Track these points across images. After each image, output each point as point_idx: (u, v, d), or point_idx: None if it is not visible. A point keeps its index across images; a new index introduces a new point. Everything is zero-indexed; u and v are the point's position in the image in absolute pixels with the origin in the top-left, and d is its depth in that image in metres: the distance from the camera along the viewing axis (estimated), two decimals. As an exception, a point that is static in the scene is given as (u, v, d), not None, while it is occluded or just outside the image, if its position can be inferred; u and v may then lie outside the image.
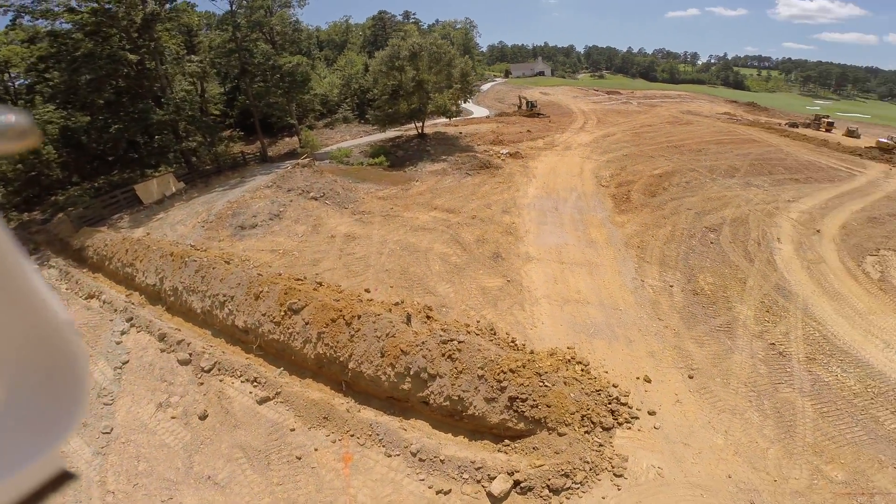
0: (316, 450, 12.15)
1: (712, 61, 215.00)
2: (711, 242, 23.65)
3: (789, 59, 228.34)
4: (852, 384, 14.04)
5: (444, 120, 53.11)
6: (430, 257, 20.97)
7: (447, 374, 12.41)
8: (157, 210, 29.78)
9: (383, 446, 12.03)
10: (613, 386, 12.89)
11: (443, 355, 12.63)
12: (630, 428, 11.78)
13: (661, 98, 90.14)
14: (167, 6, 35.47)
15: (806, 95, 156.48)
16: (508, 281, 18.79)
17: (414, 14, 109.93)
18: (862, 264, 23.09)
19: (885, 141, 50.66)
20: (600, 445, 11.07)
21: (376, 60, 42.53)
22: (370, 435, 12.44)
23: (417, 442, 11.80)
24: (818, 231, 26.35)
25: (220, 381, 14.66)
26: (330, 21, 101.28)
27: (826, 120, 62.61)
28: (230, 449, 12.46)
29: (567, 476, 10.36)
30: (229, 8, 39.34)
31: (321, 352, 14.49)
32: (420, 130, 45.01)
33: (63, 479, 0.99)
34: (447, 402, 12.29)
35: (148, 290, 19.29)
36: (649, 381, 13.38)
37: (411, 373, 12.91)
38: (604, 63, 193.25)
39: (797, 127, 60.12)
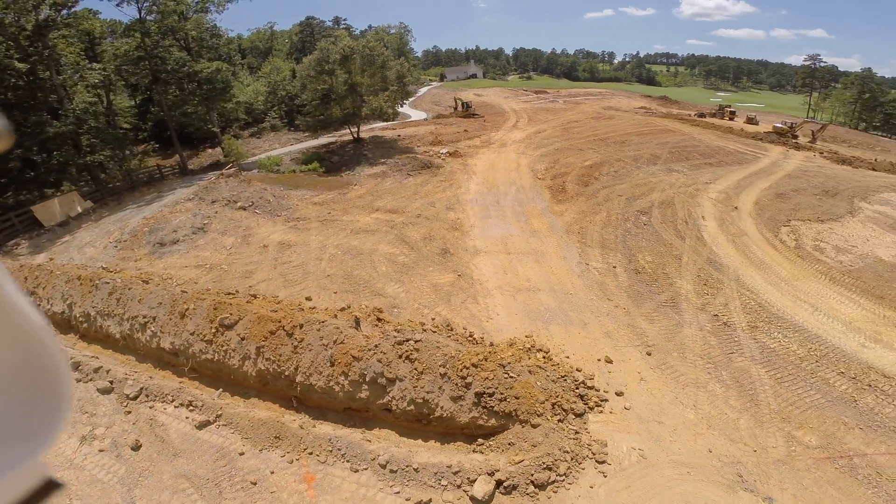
0: (272, 472, 10.94)
1: (627, 60, 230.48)
2: (644, 224, 24.79)
3: (693, 55, 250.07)
4: (796, 349, 14.81)
5: (380, 124, 52.18)
6: (376, 259, 20.15)
7: (407, 377, 11.69)
8: (62, 233, 26.41)
9: (347, 461, 11.06)
10: (577, 370, 12.77)
11: (400, 357, 11.89)
12: (602, 411, 11.63)
13: (585, 96, 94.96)
14: (64, 12, 31.86)
15: (709, 88, 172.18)
16: (459, 275, 18.46)
17: (345, 20, 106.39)
18: (778, 234, 25.15)
19: (780, 126, 56.57)
20: (576, 433, 10.77)
21: (304, 65, 40.88)
22: (330, 451, 11.41)
23: (385, 452, 10.94)
24: (736, 208, 28.52)
25: (150, 407, 13.01)
26: (252, 28, 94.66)
27: (729, 109, 68.90)
28: (174, 479, 10.98)
29: (550, 469, 9.93)
30: (138, 15, 36.09)
31: (263, 367, 13.26)
32: (356, 135, 43.76)
33: (49, 487, 0.97)
34: (411, 407, 11.56)
35: (56, 318, 16.91)
36: (611, 362, 13.43)
37: (367, 379, 12.05)
38: (531, 64, 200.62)
39: (705, 117, 65.60)
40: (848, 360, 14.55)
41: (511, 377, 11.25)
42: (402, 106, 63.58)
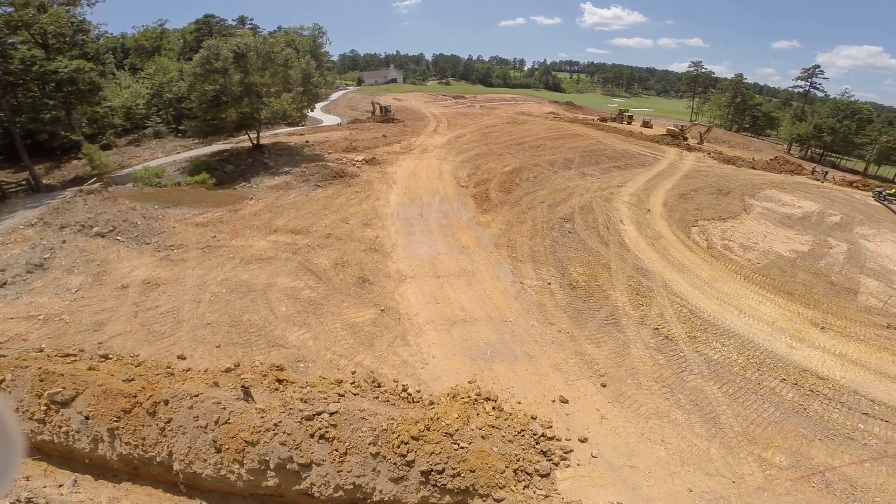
0: None
1: (535, 67, 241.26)
2: (569, 232, 24.34)
3: (592, 62, 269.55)
4: (735, 357, 14.71)
5: (286, 129, 47.48)
6: (273, 296, 16.44)
7: (327, 460, 8.98)
8: None
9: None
10: (532, 418, 10.98)
11: (312, 436, 9.14)
12: (569, 465, 10.06)
13: (499, 101, 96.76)
14: None
15: (606, 95, 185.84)
16: (382, 310, 15.61)
17: (251, 20, 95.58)
18: (690, 235, 26.08)
19: (672, 128, 61.54)
20: (546, 497, 8.99)
21: (191, 63, 35.58)
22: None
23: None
24: (649, 210, 29.39)
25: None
26: (140, 26, 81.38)
27: (627, 114, 73.83)
28: None
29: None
30: None
31: (125, 452, 9.86)
32: (255, 141, 38.97)
33: None
34: (339, 493, 8.90)
35: None
36: (566, 402, 11.89)
37: (272, 465, 9.15)
38: (449, 70, 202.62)
39: (606, 121, 69.49)
40: (784, 364, 14.86)
41: (462, 448, 9.04)
42: (312, 110, 58.86)
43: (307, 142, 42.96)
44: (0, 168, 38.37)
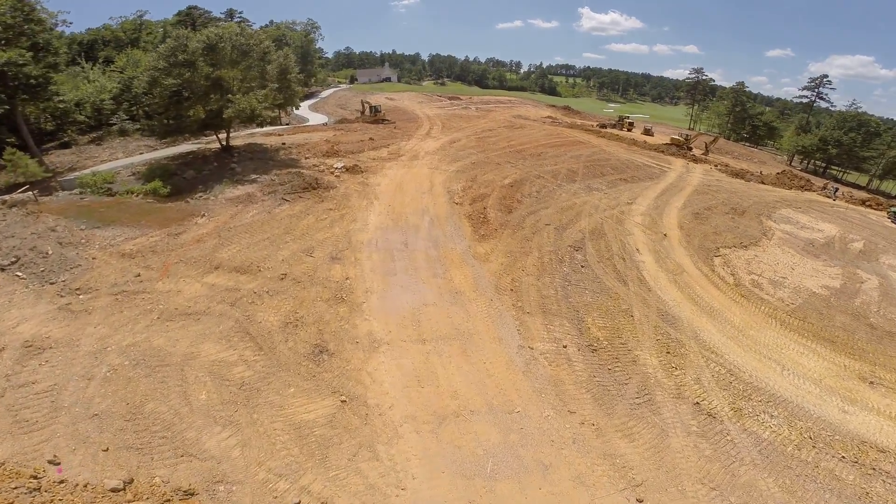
0: None
1: (532, 70, 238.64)
2: (582, 266, 21.16)
3: (588, 67, 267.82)
4: (787, 433, 12.41)
5: (264, 129, 43.58)
6: (192, 375, 12.17)
7: None
8: None
9: None
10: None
11: None
12: None
13: (495, 103, 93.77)
14: None
15: (602, 99, 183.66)
16: (344, 401, 11.52)
17: (240, 13, 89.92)
18: (714, 268, 23.00)
19: (677, 137, 58.70)
20: None
21: (154, 56, 31.65)
22: None
23: None
24: (665, 235, 26.28)
25: None
26: (118, 17, 76.18)
27: (627, 120, 71.13)
28: None
29: None
30: None
31: None
32: (224, 142, 35.02)
33: None
34: None
35: None
36: (594, 540, 8.48)
37: None
38: (445, 70, 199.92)
39: (606, 127, 66.54)
40: (840, 436, 12.72)
41: None
42: (297, 108, 54.73)
43: (283, 144, 39.09)
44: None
